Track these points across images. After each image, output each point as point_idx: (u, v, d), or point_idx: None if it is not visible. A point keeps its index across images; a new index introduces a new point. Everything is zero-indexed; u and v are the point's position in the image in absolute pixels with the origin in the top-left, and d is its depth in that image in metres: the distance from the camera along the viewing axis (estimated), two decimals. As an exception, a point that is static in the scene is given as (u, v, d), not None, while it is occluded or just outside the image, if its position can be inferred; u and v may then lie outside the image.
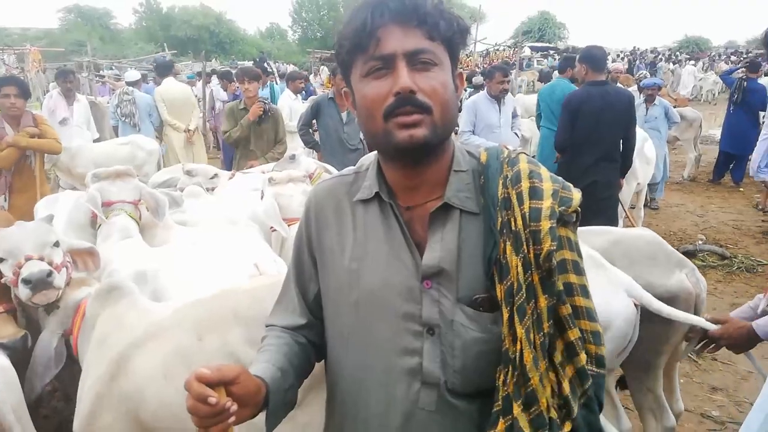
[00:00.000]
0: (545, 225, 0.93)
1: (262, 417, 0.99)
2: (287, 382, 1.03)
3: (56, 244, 2.19)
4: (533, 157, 1.09)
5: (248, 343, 1.64)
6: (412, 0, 0.93)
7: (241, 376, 0.89)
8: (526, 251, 0.93)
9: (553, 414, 0.93)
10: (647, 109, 6.98)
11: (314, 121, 5.23)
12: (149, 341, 1.76)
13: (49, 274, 2.03)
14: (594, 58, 4.42)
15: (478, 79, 10.23)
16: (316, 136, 5.37)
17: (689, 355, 3.72)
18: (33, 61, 11.90)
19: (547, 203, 0.95)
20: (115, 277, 2.28)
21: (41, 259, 2.07)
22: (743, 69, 7.70)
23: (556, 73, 8.45)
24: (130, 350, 1.76)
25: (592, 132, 4.23)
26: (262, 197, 3.27)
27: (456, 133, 5.69)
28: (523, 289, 0.92)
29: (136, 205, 2.90)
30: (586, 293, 1.00)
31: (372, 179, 1.06)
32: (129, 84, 7.58)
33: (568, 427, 0.94)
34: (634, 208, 5.97)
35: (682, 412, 2.67)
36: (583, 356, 0.96)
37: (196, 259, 2.54)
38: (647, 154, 5.62)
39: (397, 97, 0.92)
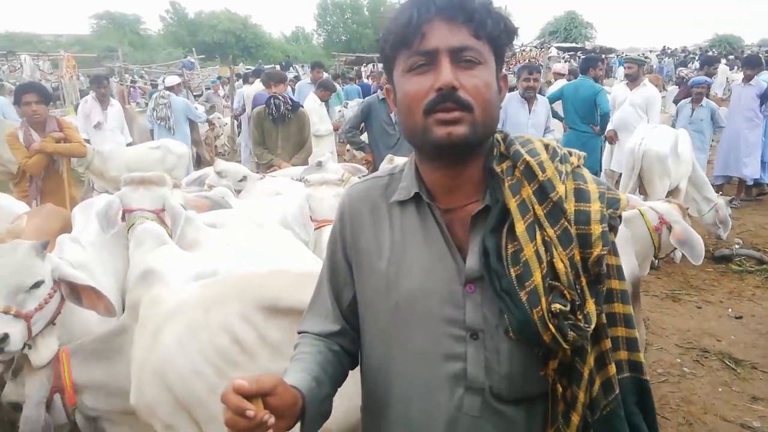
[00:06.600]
0: (596, 229, 0.91)
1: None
2: (323, 392, 1.00)
3: (37, 285, 1.94)
4: None
5: (242, 319, 1.80)
6: None
7: (278, 387, 0.86)
8: (573, 253, 0.90)
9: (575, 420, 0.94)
10: (693, 110, 6.67)
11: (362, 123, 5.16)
12: (172, 316, 1.86)
13: (3, 339, 1.83)
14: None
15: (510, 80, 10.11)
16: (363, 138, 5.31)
17: (727, 363, 3.62)
18: (67, 67, 12.20)
19: (595, 206, 0.93)
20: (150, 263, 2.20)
21: (6, 312, 1.86)
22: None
23: (582, 73, 8.36)
24: (159, 324, 1.85)
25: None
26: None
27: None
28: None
29: (158, 215, 2.73)
30: (626, 299, 0.99)
31: (410, 180, 1.03)
32: (167, 89, 7.79)
33: None
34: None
35: None
36: (612, 368, 0.95)
37: (258, 255, 2.44)
38: (681, 152, 5.39)
39: (438, 93, 0.89)
